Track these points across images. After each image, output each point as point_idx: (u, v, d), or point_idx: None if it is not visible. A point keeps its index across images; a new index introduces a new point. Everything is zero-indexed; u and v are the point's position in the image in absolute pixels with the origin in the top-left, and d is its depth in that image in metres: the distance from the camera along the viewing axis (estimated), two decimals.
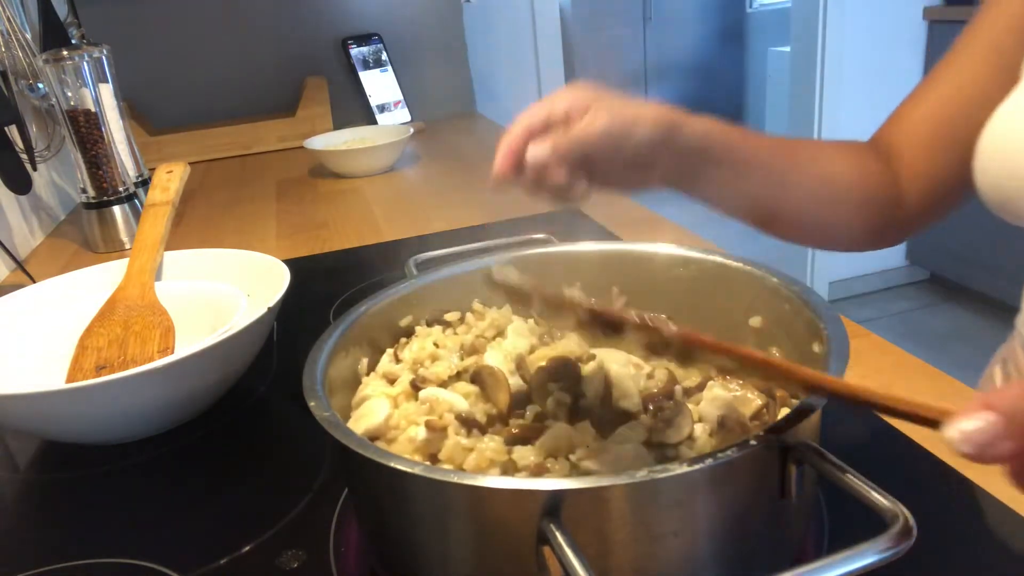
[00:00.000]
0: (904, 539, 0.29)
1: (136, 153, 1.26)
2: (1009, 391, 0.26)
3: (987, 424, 0.26)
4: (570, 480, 0.32)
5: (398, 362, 0.50)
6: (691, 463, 0.32)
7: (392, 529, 0.40)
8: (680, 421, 0.41)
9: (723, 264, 0.51)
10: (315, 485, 0.52)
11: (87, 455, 0.59)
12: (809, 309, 0.44)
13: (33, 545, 0.51)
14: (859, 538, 0.29)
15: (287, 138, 1.65)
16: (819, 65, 2.59)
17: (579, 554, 0.30)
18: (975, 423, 0.26)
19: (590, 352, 0.50)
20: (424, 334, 0.52)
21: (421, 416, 0.44)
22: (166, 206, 0.81)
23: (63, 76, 1.03)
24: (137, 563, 0.47)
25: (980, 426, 0.26)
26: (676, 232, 0.93)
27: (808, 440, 0.34)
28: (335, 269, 0.94)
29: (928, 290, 2.94)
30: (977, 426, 0.26)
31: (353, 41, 1.74)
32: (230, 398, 0.63)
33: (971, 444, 0.26)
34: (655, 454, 0.41)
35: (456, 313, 0.55)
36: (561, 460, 0.40)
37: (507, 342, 0.50)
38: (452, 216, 1.09)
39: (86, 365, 0.65)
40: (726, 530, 0.35)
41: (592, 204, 1.06)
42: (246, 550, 0.47)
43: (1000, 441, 0.26)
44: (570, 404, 0.44)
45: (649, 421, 0.42)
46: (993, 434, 0.26)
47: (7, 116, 0.95)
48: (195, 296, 0.71)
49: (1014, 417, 0.26)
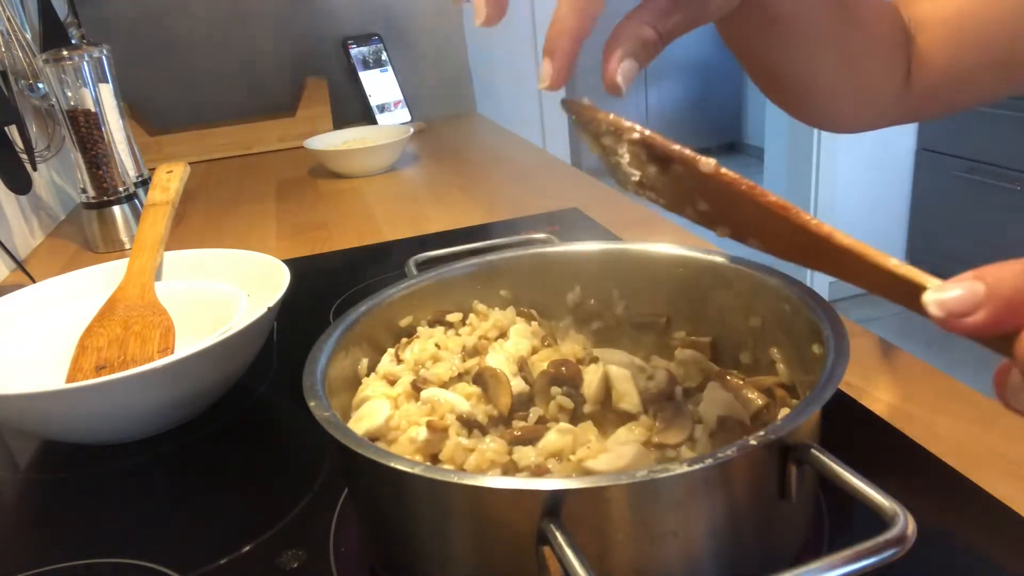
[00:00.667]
0: (904, 539, 0.29)
1: (136, 153, 1.26)
2: (1006, 267, 0.25)
3: (967, 292, 0.25)
4: (570, 480, 0.32)
5: (399, 363, 0.50)
6: (691, 463, 0.32)
7: (392, 529, 0.40)
8: (681, 422, 0.42)
9: (723, 264, 0.51)
10: (315, 485, 0.52)
11: (87, 455, 0.59)
12: (809, 309, 0.44)
13: (33, 545, 0.51)
14: (859, 538, 0.29)
15: (287, 138, 1.65)
16: None
17: (579, 554, 0.30)
18: (956, 290, 0.25)
19: (592, 354, 0.50)
20: (426, 335, 0.52)
21: (422, 417, 0.44)
22: (166, 206, 0.81)
23: (63, 76, 1.03)
24: (137, 563, 0.47)
25: (958, 294, 0.25)
26: (676, 232, 0.93)
27: (808, 440, 0.34)
28: (335, 269, 0.94)
29: None
30: (955, 293, 0.25)
31: (353, 41, 1.74)
32: (230, 398, 0.63)
33: (942, 307, 0.25)
34: (655, 455, 0.41)
35: (458, 314, 0.55)
36: (562, 460, 0.40)
37: (509, 343, 0.50)
38: (452, 216, 1.09)
39: (86, 365, 0.65)
40: (726, 530, 0.35)
41: (592, 204, 1.06)
42: (246, 550, 0.47)
43: (974, 310, 0.24)
44: (572, 408, 0.44)
45: (649, 422, 0.42)
46: (970, 302, 0.24)
47: (7, 116, 0.95)
48: (195, 296, 0.71)
49: (995, 288, 0.24)
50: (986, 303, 0.25)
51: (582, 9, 0.36)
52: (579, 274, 0.56)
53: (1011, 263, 0.25)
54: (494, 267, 0.56)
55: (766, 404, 0.43)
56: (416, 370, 0.49)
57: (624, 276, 0.55)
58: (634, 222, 0.99)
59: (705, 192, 0.36)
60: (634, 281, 0.55)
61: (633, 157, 0.37)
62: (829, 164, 2.74)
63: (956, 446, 0.49)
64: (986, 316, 0.25)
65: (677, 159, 0.35)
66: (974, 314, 0.25)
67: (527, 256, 0.57)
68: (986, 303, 0.25)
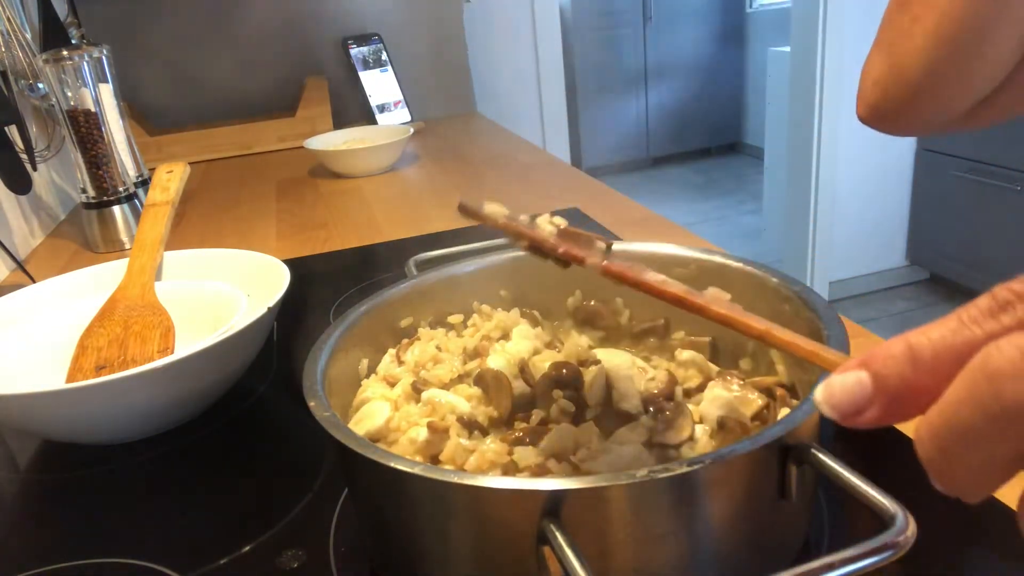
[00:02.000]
0: (904, 539, 0.29)
1: (136, 153, 1.26)
2: (888, 348, 0.23)
3: (853, 384, 0.23)
4: (570, 480, 0.32)
5: (400, 364, 0.50)
6: (691, 463, 0.32)
7: (392, 529, 0.40)
8: (681, 422, 0.42)
9: (723, 264, 0.51)
10: (315, 485, 0.52)
11: (87, 455, 0.59)
12: (809, 309, 0.44)
13: (33, 545, 0.51)
14: (859, 538, 0.29)
15: (287, 138, 1.65)
16: (819, 65, 2.59)
17: (579, 554, 0.30)
18: (842, 382, 0.23)
19: (594, 356, 0.50)
20: (427, 337, 0.52)
21: (422, 418, 0.44)
22: (166, 206, 0.81)
23: (63, 76, 1.03)
24: (137, 563, 0.47)
25: (846, 386, 0.23)
26: (676, 232, 0.93)
27: (808, 440, 0.34)
28: (335, 269, 0.94)
29: (928, 290, 2.94)
30: (843, 386, 0.23)
31: (353, 41, 1.74)
32: (230, 398, 0.63)
33: (832, 407, 0.23)
34: (656, 455, 0.41)
35: (459, 316, 0.55)
36: (562, 461, 0.40)
37: (511, 344, 0.50)
38: (452, 216, 1.09)
39: (86, 365, 0.65)
40: (726, 530, 0.35)
41: (592, 204, 1.06)
42: (246, 550, 0.47)
43: (867, 405, 0.23)
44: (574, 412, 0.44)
45: (650, 422, 0.42)
46: (860, 397, 0.23)
47: (7, 116, 0.95)
48: (195, 296, 0.71)
49: (883, 379, 0.22)
50: (876, 397, 0.23)
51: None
52: (579, 274, 0.56)
53: (893, 342, 0.23)
54: (494, 267, 0.56)
55: (766, 404, 0.43)
56: (417, 371, 0.49)
57: None
58: (634, 222, 0.99)
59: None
60: None
61: (532, 252, 0.40)
62: (829, 164, 2.74)
63: None
64: (880, 412, 0.23)
65: (565, 259, 0.38)
66: (867, 411, 0.23)
67: (527, 256, 0.57)
68: (876, 397, 0.23)
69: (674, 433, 0.41)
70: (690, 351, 0.50)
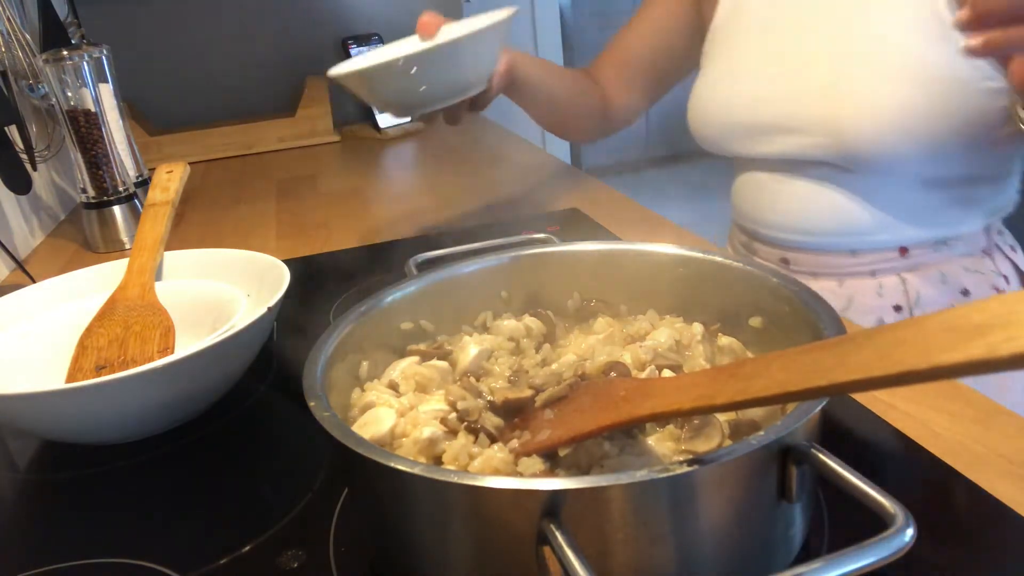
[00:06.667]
0: (904, 539, 0.29)
1: (136, 153, 1.26)
2: None
3: None
4: (570, 480, 0.32)
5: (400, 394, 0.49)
6: (691, 463, 0.32)
7: (392, 529, 0.40)
8: (709, 431, 0.40)
9: (723, 264, 0.51)
10: (315, 485, 0.52)
11: (87, 455, 0.59)
12: (809, 309, 0.44)
13: (33, 545, 0.51)
14: (859, 538, 0.29)
15: (287, 138, 1.65)
16: None
17: (579, 554, 0.30)
18: None
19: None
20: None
21: (429, 421, 0.43)
22: (166, 206, 0.81)
23: (63, 76, 1.03)
24: (137, 563, 0.47)
25: None
26: (676, 232, 0.93)
27: (808, 440, 0.35)
28: (335, 269, 0.93)
29: None
30: None
31: (353, 41, 1.73)
32: (230, 398, 0.63)
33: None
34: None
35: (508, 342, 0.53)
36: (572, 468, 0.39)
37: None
38: (452, 216, 1.09)
39: (86, 365, 0.65)
40: (726, 530, 0.35)
41: (592, 204, 1.06)
42: (246, 550, 0.47)
43: None
44: None
45: (676, 431, 0.42)
46: None
47: (7, 116, 0.95)
48: (195, 296, 0.71)
49: None
50: None
51: None
52: (579, 274, 0.56)
53: None
54: (494, 267, 0.56)
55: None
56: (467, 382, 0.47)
57: (624, 276, 0.55)
58: (634, 222, 0.99)
59: None
60: (634, 281, 0.55)
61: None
62: None
63: (955, 445, 0.49)
64: None
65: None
66: None
67: (527, 256, 0.57)
68: None
69: (702, 441, 0.40)
70: (729, 338, 0.50)
